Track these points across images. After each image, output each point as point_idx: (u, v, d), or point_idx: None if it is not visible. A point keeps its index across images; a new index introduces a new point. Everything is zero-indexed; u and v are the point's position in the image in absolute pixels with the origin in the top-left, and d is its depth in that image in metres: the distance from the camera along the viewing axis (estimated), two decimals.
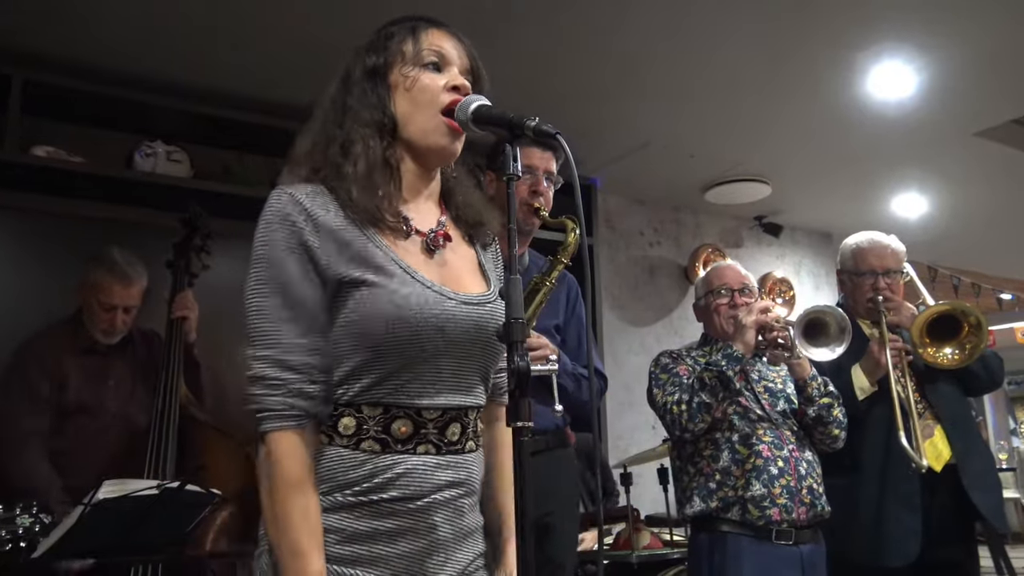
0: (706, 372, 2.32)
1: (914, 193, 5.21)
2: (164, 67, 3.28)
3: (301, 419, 1.16)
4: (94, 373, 2.77)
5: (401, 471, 1.18)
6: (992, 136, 4.27)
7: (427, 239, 1.29)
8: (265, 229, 1.20)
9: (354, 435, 1.18)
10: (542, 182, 2.33)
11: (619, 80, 3.58)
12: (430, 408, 1.21)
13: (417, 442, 1.19)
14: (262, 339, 1.18)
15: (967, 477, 2.55)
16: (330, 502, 1.17)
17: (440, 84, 1.29)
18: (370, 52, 1.33)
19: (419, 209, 1.32)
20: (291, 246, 1.18)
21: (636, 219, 5.17)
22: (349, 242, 1.20)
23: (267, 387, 1.16)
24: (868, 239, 2.82)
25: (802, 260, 5.88)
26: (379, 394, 1.18)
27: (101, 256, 2.79)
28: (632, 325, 4.99)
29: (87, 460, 2.59)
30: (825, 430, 2.41)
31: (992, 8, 3.06)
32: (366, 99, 1.29)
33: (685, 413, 2.32)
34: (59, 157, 3.15)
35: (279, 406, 1.15)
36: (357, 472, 1.17)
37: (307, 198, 1.21)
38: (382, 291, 1.18)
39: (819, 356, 2.40)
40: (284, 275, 1.17)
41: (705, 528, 2.36)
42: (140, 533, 2.07)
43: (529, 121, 1.18)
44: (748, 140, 4.27)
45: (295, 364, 1.16)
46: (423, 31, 1.33)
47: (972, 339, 2.58)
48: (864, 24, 3.16)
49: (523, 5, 2.98)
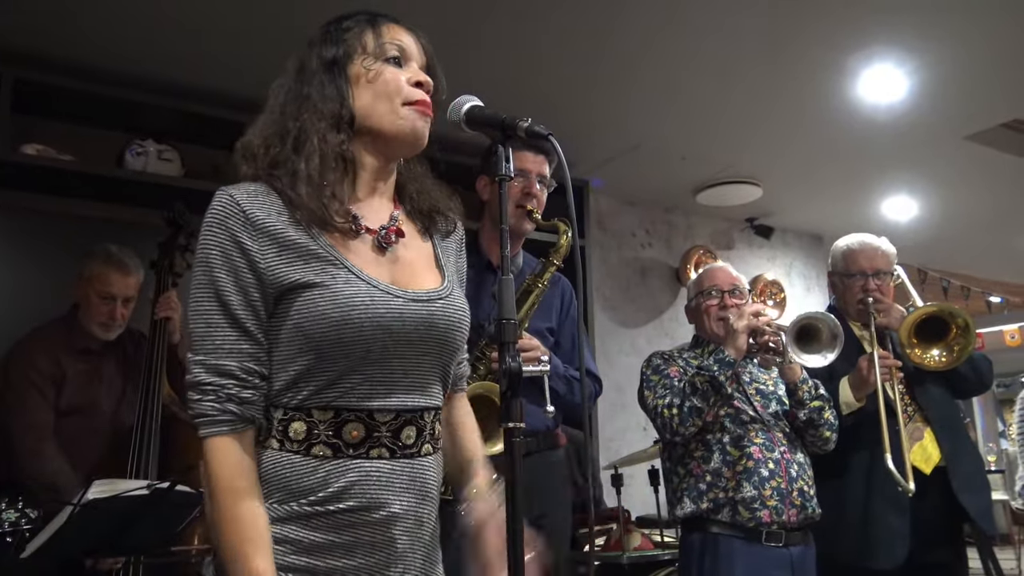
0: (698, 376, 2.32)
1: (904, 196, 5.23)
2: (155, 65, 3.26)
3: (235, 424, 1.14)
4: (89, 373, 2.75)
5: (354, 478, 1.15)
6: (982, 140, 4.29)
7: (378, 236, 1.26)
8: (206, 233, 1.17)
9: (304, 440, 1.15)
10: (535, 185, 2.33)
11: (610, 82, 3.58)
12: (383, 410, 1.17)
13: (370, 446, 1.16)
14: (199, 344, 1.16)
15: (956, 479, 2.56)
16: (284, 511, 1.14)
17: (402, 78, 1.27)
18: (326, 43, 1.30)
19: (371, 206, 1.29)
20: (227, 250, 1.16)
21: (628, 220, 5.17)
22: (290, 244, 1.17)
23: (202, 392, 1.14)
24: (859, 241, 2.83)
25: (793, 262, 5.90)
26: (328, 397, 1.16)
27: (97, 249, 2.78)
28: (623, 326, 5.00)
29: (79, 460, 2.58)
30: (816, 433, 2.42)
31: (983, 12, 3.07)
32: (324, 90, 1.26)
33: (676, 417, 2.32)
34: (49, 155, 3.13)
35: (212, 411, 1.14)
36: (310, 479, 1.15)
37: (247, 199, 1.19)
38: (324, 292, 1.15)
39: (811, 362, 2.40)
40: (220, 280, 1.15)
41: (696, 529, 2.37)
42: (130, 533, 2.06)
43: (521, 122, 1.17)
44: (739, 142, 4.28)
45: (229, 369, 1.14)
46: (382, 25, 1.31)
47: (960, 341, 2.59)
48: (855, 27, 3.18)
49: (512, 6, 2.97)
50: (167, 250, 2.87)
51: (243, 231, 1.16)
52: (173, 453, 2.56)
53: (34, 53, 3.10)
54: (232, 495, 1.12)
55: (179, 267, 2.88)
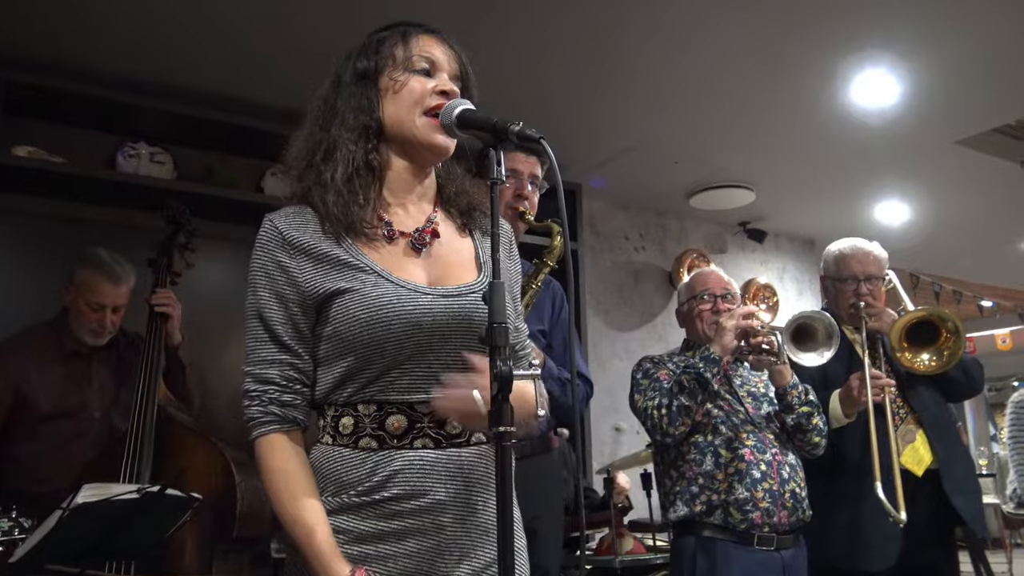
0: (684, 375, 2.33)
1: (896, 200, 5.25)
2: (148, 67, 3.25)
3: (279, 423, 1.25)
4: (77, 376, 2.73)
5: (398, 467, 1.21)
6: (973, 144, 4.31)
7: (412, 239, 1.32)
8: (252, 258, 1.30)
9: (352, 434, 1.24)
10: (527, 186, 2.34)
11: (603, 86, 3.58)
12: (424, 403, 1.23)
13: (413, 436, 1.23)
14: (248, 357, 1.28)
15: (948, 482, 2.57)
16: (337, 503, 1.22)
17: (428, 87, 1.32)
18: (361, 56, 1.37)
19: (407, 210, 1.36)
20: (269, 271, 1.27)
21: (621, 224, 5.18)
22: (324, 257, 1.27)
23: (250, 399, 1.26)
24: (851, 245, 2.84)
25: (786, 266, 5.91)
26: (371, 392, 1.23)
27: (88, 255, 2.74)
28: (616, 330, 5.00)
29: (66, 464, 2.55)
30: (805, 438, 2.42)
31: (975, 18, 3.09)
32: (354, 102, 1.34)
33: (665, 417, 2.32)
34: (41, 157, 3.12)
35: (258, 414, 1.25)
36: (359, 471, 1.22)
37: (285, 221, 1.29)
38: (355, 296, 1.23)
39: (808, 361, 2.41)
40: (262, 299, 1.27)
41: (688, 532, 2.37)
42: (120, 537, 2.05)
43: (513, 125, 1.18)
44: (732, 146, 4.29)
45: (271, 377, 1.26)
46: (414, 37, 1.36)
47: (950, 345, 2.60)
48: (848, 32, 3.19)
49: (507, 10, 2.98)
50: (166, 248, 2.81)
51: (282, 252, 1.27)
52: (168, 456, 2.54)
53: (26, 54, 3.09)
54: (284, 475, 1.23)
55: (178, 266, 2.82)
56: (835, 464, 2.59)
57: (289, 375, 1.26)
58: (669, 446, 2.43)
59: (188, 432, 2.60)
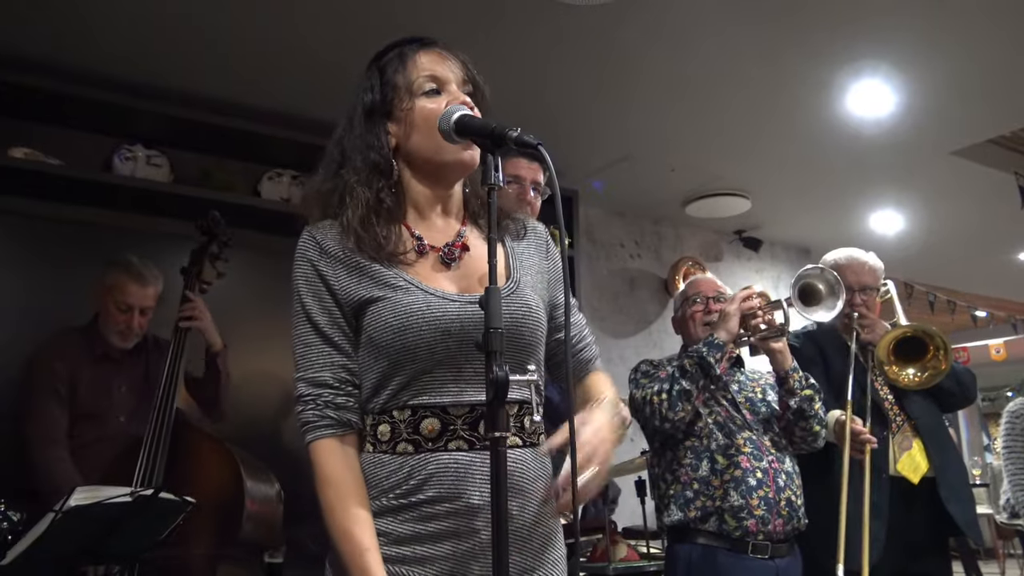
0: (687, 359, 2.34)
1: (891, 210, 5.27)
2: (145, 70, 3.25)
3: (335, 427, 1.27)
4: (106, 380, 2.77)
5: (433, 469, 1.22)
6: (969, 155, 4.33)
7: (442, 253, 1.34)
8: (295, 268, 1.33)
9: (390, 440, 1.26)
10: (529, 191, 2.34)
11: (601, 94, 3.59)
12: (456, 405, 1.25)
13: (448, 439, 1.24)
14: (300, 363, 1.30)
15: (944, 489, 2.58)
16: (377, 507, 1.24)
17: (442, 107, 1.32)
18: (366, 91, 1.37)
19: (436, 226, 1.38)
20: (310, 280, 1.31)
21: (617, 231, 5.18)
22: (358, 267, 1.30)
23: (303, 403, 1.28)
24: (846, 255, 2.85)
25: (781, 275, 5.92)
26: (405, 397, 1.26)
27: (118, 259, 2.82)
28: (612, 337, 5.00)
29: (90, 466, 2.57)
30: (806, 425, 2.40)
31: (971, 29, 3.11)
32: (361, 142, 1.35)
33: (665, 402, 2.32)
34: (37, 159, 3.12)
35: (313, 418, 1.27)
36: (397, 475, 1.24)
37: (322, 234, 1.33)
38: (387, 303, 1.26)
39: (819, 316, 2.47)
40: (307, 305, 1.31)
41: (682, 539, 2.36)
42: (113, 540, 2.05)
43: (511, 131, 1.18)
44: (729, 155, 4.30)
45: (324, 379, 1.28)
46: (411, 57, 1.36)
47: (934, 363, 2.64)
48: (844, 43, 3.20)
49: (506, 19, 2.99)
50: (198, 257, 2.84)
51: (320, 260, 1.31)
52: (181, 460, 2.54)
53: (23, 56, 3.09)
54: (338, 486, 1.24)
55: (207, 275, 2.84)
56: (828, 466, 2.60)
57: (342, 376, 1.28)
58: (666, 447, 2.41)
59: (204, 437, 2.62)
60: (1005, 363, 9.80)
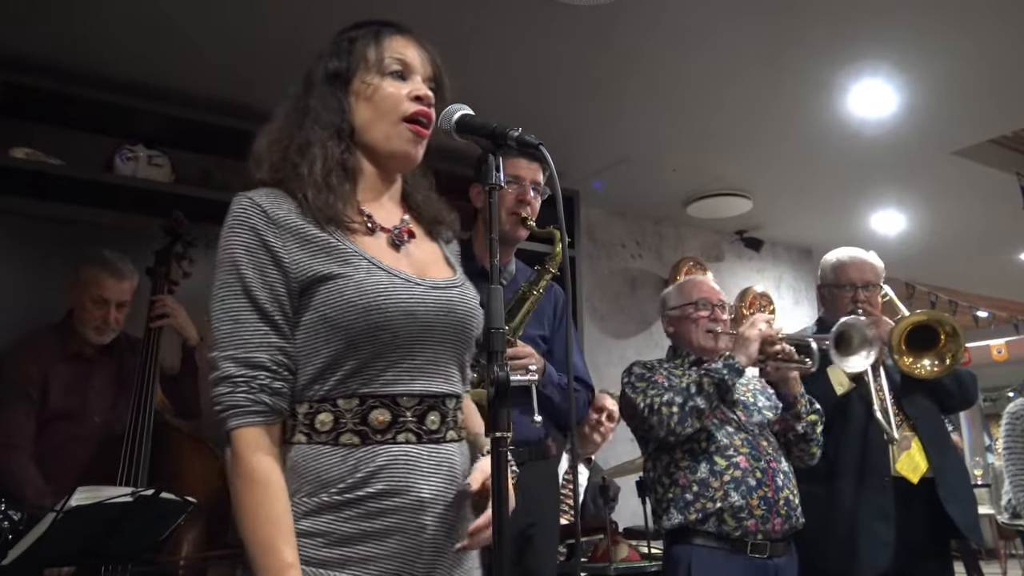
0: (705, 377, 2.32)
1: (893, 210, 5.26)
2: (147, 70, 3.25)
3: (267, 415, 1.17)
4: (80, 379, 2.74)
5: (383, 462, 1.17)
6: (970, 155, 4.33)
7: (392, 235, 1.31)
8: (228, 234, 1.22)
9: (332, 430, 1.18)
10: (529, 192, 2.34)
11: (601, 93, 3.59)
12: (406, 395, 1.20)
13: (396, 431, 1.19)
14: (228, 339, 1.18)
15: (943, 489, 2.58)
16: (315, 503, 1.16)
17: (403, 93, 1.30)
18: (332, 56, 1.34)
19: (382, 208, 1.35)
20: (251, 248, 1.20)
21: (618, 231, 5.18)
22: (311, 239, 1.21)
23: (233, 384, 1.16)
24: (848, 254, 2.86)
25: (782, 275, 5.92)
26: (353, 385, 1.19)
27: (92, 254, 2.79)
28: (613, 337, 5.00)
29: (64, 466, 2.55)
30: (807, 447, 2.44)
31: (973, 28, 3.10)
32: (326, 102, 1.31)
33: (676, 415, 2.30)
34: (38, 159, 3.12)
35: (245, 402, 1.16)
36: (340, 468, 1.17)
37: (267, 200, 1.23)
38: (349, 281, 1.19)
39: (854, 366, 2.42)
40: (247, 277, 1.19)
41: (681, 541, 2.35)
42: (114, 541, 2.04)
43: (512, 131, 1.18)
44: (730, 155, 4.30)
45: (261, 361, 1.17)
46: (387, 37, 1.34)
47: (950, 347, 2.63)
48: (845, 42, 3.20)
49: (505, 18, 2.98)
50: (163, 257, 2.86)
51: (267, 229, 1.20)
52: (164, 460, 2.54)
53: (24, 56, 3.08)
54: (264, 485, 1.14)
55: (175, 275, 2.86)
56: (830, 471, 2.59)
57: (279, 360, 1.18)
58: (663, 451, 2.41)
59: (184, 437, 2.61)
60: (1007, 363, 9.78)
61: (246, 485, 1.15)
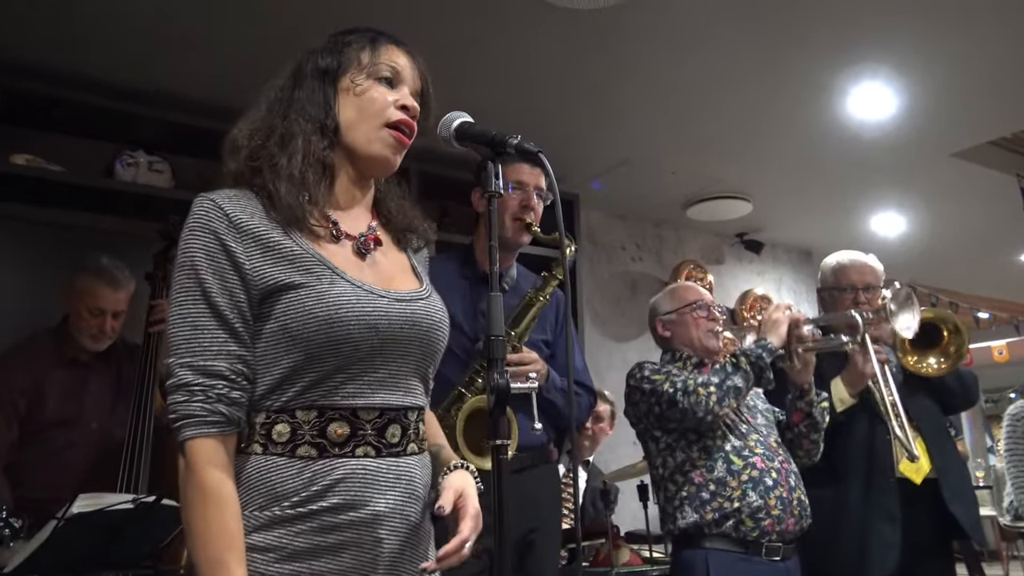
0: (743, 357, 2.31)
1: (893, 212, 5.27)
2: (147, 76, 3.25)
3: (223, 426, 1.13)
4: (76, 385, 2.72)
5: (339, 475, 1.15)
6: (969, 157, 4.33)
7: (357, 243, 1.28)
8: (188, 237, 1.18)
9: (288, 442, 1.15)
10: (532, 197, 2.33)
11: (601, 97, 3.59)
12: (367, 408, 1.18)
13: (355, 444, 1.16)
14: (186, 346, 1.14)
15: (946, 490, 2.57)
16: (267, 517, 1.13)
17: (390, 99, 1.30)
18: (324, 53, 1.34)
19: (351, 214, 1.32)
20: (212, 253, 1.16)
21: (618, 234, 5.18)
22: (274, 246, 1.18)
23: (189, 392, 1.13)
24: (848, 257, 2.86)
25: (782, 277, 5.92)
26: (312, 397, 1.16)
27: (88, 262, 2.76)
28: (614, 340, 4.99)
29: (62, 473, 2.55)
30: (816, 437, 2.45)
31: (972, 31, 3.10)
32: (313, 96, 1.30)
33: (714, 395, 2.25)
34: (39, 165, 3.12)
35: (201, 412, 1.12)
36: (295, 481, 1.14)
37: (229, 203, 1.20)
38: (311, 292, 1.16)
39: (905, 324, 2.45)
40: (206, 282, 1.15)
41: (694, 545, 2.29)
42: (114, 548, 2.04)
43: (511, 139, 1.18)
44: (730, 158, 4.30)
45: (218, 370, 1.13)
46: (382, 45, 1.34)
47: (954, 343, 2.64)
48: (845, 45, 3.20)
49: (503, 21, 2.98)
50: (161, 261, 2.85)
51: (227, 234, 1.17)
52: (164, 467, 2.54)
53: (24, 63, 3.09)
54: (216, 499, 1.10)
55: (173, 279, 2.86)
56: (835, 474, 2.59)
57: (238, 368, 1.14)
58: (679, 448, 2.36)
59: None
60: (1008, 365, 9.78)
61: (198, 498, 1.11)
